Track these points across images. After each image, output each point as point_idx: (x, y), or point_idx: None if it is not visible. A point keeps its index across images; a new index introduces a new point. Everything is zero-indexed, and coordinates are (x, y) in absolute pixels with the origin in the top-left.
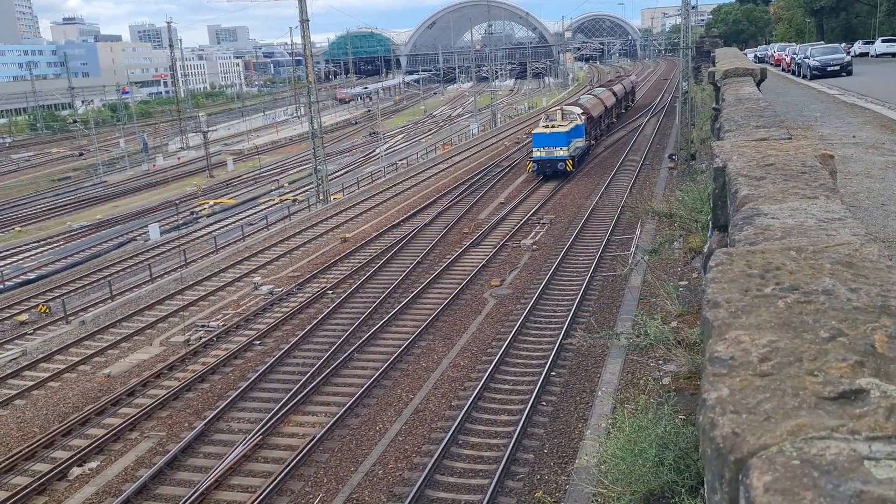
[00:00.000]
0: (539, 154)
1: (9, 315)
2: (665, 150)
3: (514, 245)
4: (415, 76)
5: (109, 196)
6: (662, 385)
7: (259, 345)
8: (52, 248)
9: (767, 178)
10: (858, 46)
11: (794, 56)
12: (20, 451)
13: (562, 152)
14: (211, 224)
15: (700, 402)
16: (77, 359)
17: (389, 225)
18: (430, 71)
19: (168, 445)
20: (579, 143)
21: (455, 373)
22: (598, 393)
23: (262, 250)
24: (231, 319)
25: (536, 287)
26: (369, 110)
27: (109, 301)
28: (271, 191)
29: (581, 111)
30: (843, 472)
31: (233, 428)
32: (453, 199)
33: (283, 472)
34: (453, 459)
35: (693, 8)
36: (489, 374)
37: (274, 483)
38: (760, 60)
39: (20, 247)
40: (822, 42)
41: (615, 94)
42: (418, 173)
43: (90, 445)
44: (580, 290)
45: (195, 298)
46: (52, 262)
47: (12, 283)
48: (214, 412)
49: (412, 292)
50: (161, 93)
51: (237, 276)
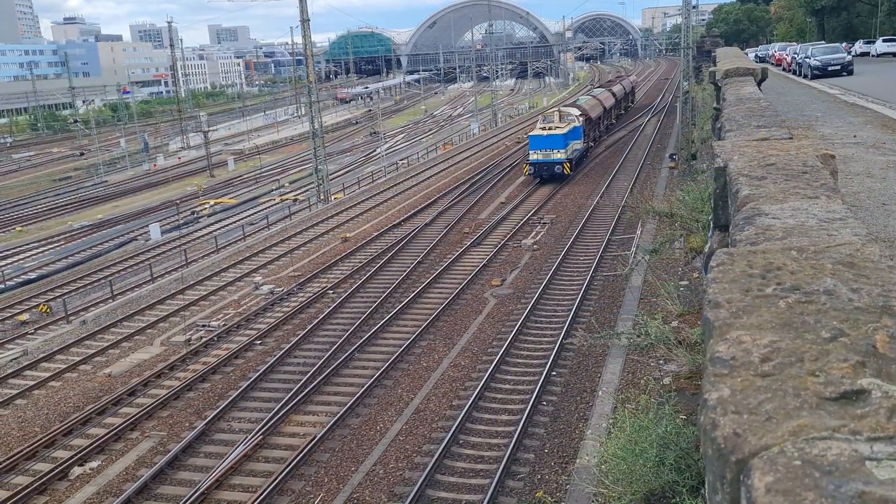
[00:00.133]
0: (536, 157)
1: (10, 315)
2: (666, 150)
3: (515, 245)
4: (415, 76)
5: (110, 196)
6: (663, 385)
7: (260, 344)
8: (52, 248)
9: (768, 177)
10: (859, 46)
11: (795, 56)
12: (21, 451)
13: (559, 155)
14: (212, 224)
15: (701, 403)
16: (78, 358)
17: (390, 225)
18: (431, 71)
19: (169, 445)
20: (577, 146)
21: (456, 372)
22: (598, 393)
23: (263, 250)
24: (232, 319)
25: (537, 287)
26: (370, 110)
27: (110, 301)
28: (272, 190)
29: (579, 113)
30: (845, 473)
31: (234, 427)
32: (454, 199)
33: (284, 472)
34: (454, 459)
35: (694, 7)
36: (490, 373)
37: (275, 483)
38: (761, 60)
39: (21, 246)
40: (823, 42)
41: (614, 94)
42: (419, 173)
43: (91, 445)
44: (581, 289)
45: (196, 298)
46: (52, 262)
47: (13, 283)
48: (215, 412)
49: (413, 292)
50: (162, 92)
51: (238, 275)
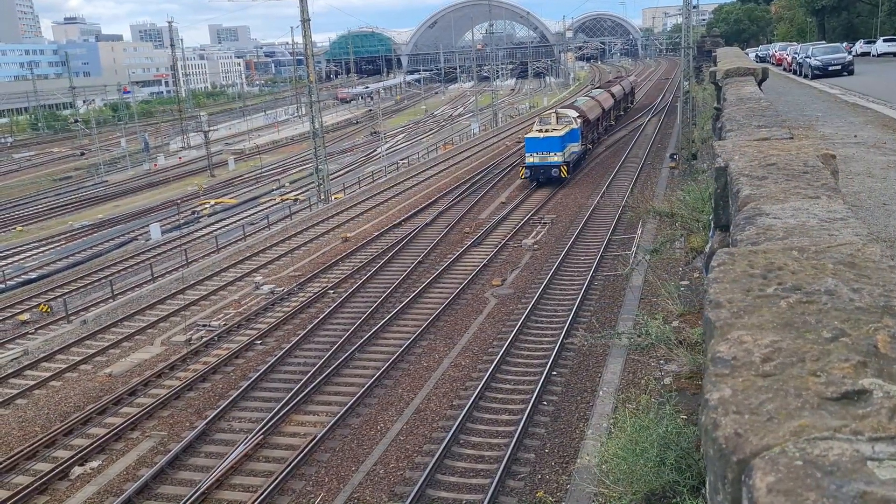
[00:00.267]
0: (532, 160)
1: (10, 314)
2: (666, 150)
3: (516, 245)
4: (416, 76)
5: (111, 196)
6: (664, 385)
7: (260, 344)
8: (53, 248)
9: (769, 177)
10: (860, 46)
11: (796, 55)
12: (22, 451)
13: (556, 158)
14: (212, 223)
15: (702, 403)
16: (78, 358)
17: (390, 224)
18: (432, 70)
19: (169, 445)
20: (575, 148)
21: (456, 372)
22: (599, 392)
23: (264, 250)
24: (232, 319)
25: (538, 286)
26: (370, 110)
27: (111, 300)
28: (272, 190)
29: (577, 114)
30: (846, 473)
31: (234, 427)
32: (454, 199)
33: (285, 472)
34: (454, 459)
35: (694, 7)
36: (490, 373)
37: (275, 482)
38: (762, 60)
39: (21, 246)
40: (824, 41)
41: (613, 95)
42: (419, 173)
43: (91, 445)
44: (581, 289)
45: (196, 298)
46: (53, 262)
47: (14, 283)
48: (216, 411)
49: (413, 292)
50: (162, 92)
51: (238, 275)
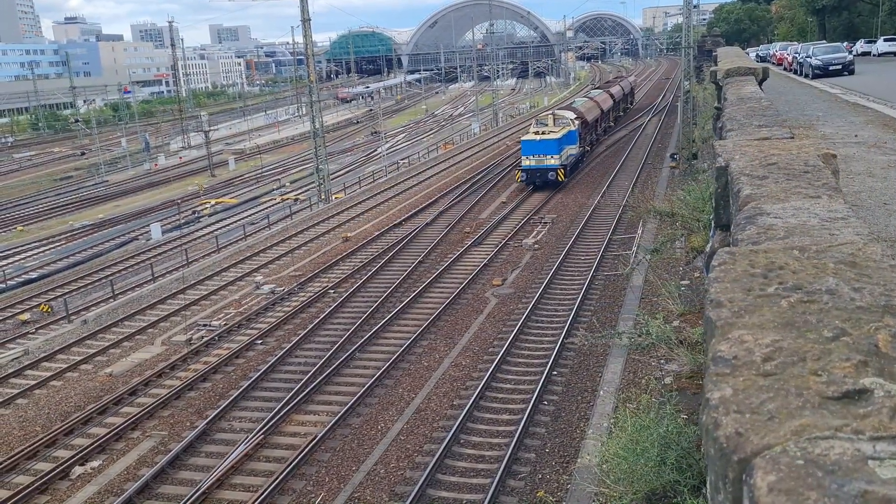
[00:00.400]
0: (528, 163)
1: (11, 314)
2: (667, 150)
3: (516, 244)
4: (416, 75)
5: (111, 195)
6: (664, 384)
7: (261, 344)
8: (53, 248)
9: (770, 177)
10: (861, 45)
11: (797, 55)
12: (22, 450)
13: (553, 161)
14: (212, 223)
15: (703, 402)
16: (79, 358)
17: (391, 224)
18: (432, 70)
19: (170, 444)
20: (572, 151)
21: (457, 372)
22: (599, 392)
23: (264, 250)
24: (233, 318)
25: (538, 286)
26: (371, 109)
27: (111, 300)
28: (273, 190)
29: (574, 116)
30: (848, 472)
31: (234, 427)
32: (455, 199)
33: (285, 472)
34: (455, 459)
35: (695, 7)
36: (491, 373)
37: (276, 482)
38: (762, 60)
39: (22, 246)
40: (825, 41)
41: (612, 96)
42: (420, 172)
43: (92, 444)
44: (582, 289)
45: (197, 298)
46: (53, 262)
47: (14, 283)
48: (216, 411)
49: (414, 291)
50: (163, 92)
51: (239, 275)
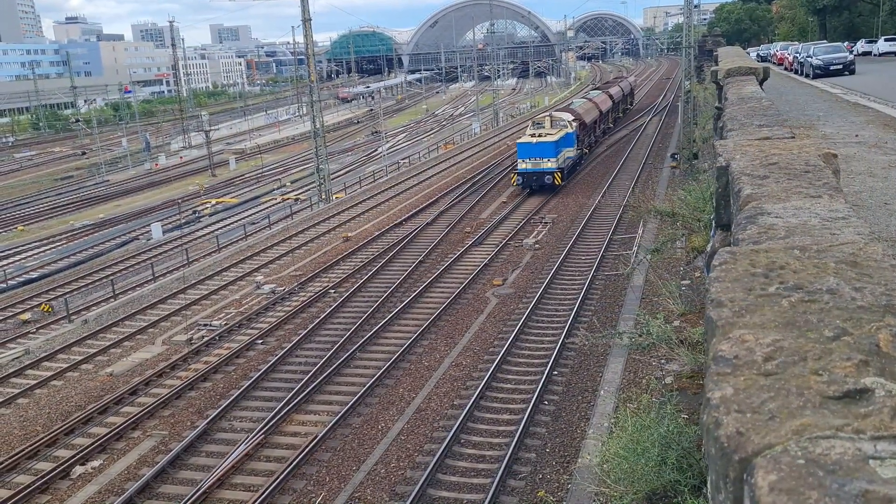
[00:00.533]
0: (524, 166)
1: (11, 314)
2: (667, 150)
3: (517, 244)
4: (417, 75)
5: (112, 195)
6: (665, 384)
7: (261, 344)
8: (54, 248)
9: (770, 177)
10: (861, 45)
11: (797, 55)
12: (23, 450)
13: (549, 164)
14: (213, 223)
15: (704, 402)
16: (80, 357)
17: (391, 224)
18: (433, 70)
19: (170, 444)
20: (569, 153)
21: (457, 372)
22: (600, 392)
23: (264, 249)
24: (233, 318)
25: (538, 286)
26: (371, 109)
27: (112, 300)
28: (273, 190)
29: (572, 117)
30: (849, 472)
31: (235, 427)
32: (455, 199)
33: (286, 471)
34: (455, 458)
35: (695, 7)
36: (491, 373)
37: (276, 482)
38: (763, 59)
39: (23, 246)
40: (825, 41)
41: (611, 97)
42: (420, 172)
43: (93, 444)
44: (582, 289)
45: (197, 297)
46: (54, 262)
47: (15, 282)
48: (217, 411)
49: (414, 291)
50: (163, 92)
51: (239, 275)
